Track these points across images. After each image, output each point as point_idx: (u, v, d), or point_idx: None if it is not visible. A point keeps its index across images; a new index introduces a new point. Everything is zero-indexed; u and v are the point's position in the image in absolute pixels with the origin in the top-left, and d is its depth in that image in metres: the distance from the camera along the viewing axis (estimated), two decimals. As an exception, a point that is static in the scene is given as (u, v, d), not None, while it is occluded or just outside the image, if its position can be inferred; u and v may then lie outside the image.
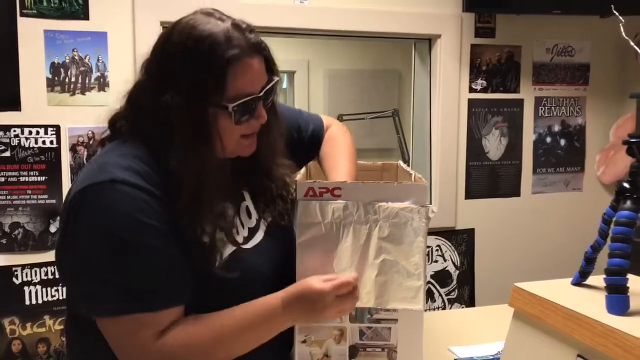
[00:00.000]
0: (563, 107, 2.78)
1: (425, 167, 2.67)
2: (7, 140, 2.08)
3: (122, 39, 2.18)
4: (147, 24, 2.17)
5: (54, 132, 2.13)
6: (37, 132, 2.11)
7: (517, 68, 2.68)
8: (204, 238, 1.05)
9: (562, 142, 2.80)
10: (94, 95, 2.17)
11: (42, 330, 2.16)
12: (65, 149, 2.15)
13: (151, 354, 1.01)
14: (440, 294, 2.68)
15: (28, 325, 2.14)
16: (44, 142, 2.12)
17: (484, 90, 2.65)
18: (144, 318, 1.00)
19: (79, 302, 1.05)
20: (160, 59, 1.08)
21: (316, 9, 2.38)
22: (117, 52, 2.18)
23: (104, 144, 1.15)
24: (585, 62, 2.78)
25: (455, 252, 2.69)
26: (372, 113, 3.80)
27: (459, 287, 2.71)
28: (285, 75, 4.21)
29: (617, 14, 1.22)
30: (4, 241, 2.10)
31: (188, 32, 1.05)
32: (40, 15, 2.09)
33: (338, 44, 4.00)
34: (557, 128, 2.79)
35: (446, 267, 2.69)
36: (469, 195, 2.68)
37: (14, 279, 2.12)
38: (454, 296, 2.70)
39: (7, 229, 2.10)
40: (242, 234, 1.16)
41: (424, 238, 1.14)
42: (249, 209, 1.21)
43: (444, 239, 2.67)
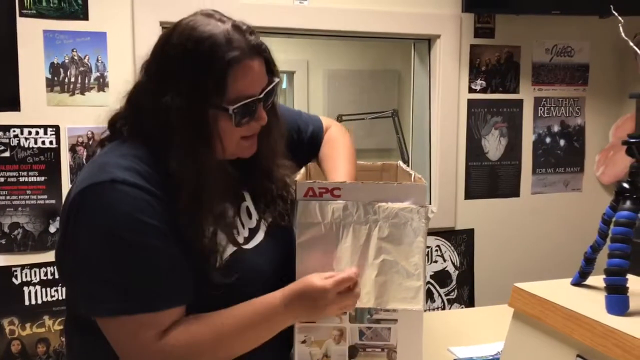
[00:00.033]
0: (562, 108, 2.78)
1: (425, 168, 2.67)
2: (7, 141, 2.08)
3: (121, 39, 2.18)
4: (147, 24, 2.17)
5: (53, 133, 2.13)
6: (37, 133, 2.11)
7: (516, 68, 2.69)
8: (205, 238, 1.05)
9: (562, 142, 2.80)
10: (94, 95, 2.17)
11: (42, 330, 2.16)
12: (64, 149, 2.15)
13: (153, 354, 1.01)
14: (439, 294, 2.68)
15: (27, 325, 2.14)
16: (43, 143, 2.12)
17: (484, 90, 2.65)
18: (145, 318, 1.00)
19: (80, 302, 1.05)
20: (160, 60, 1.08)
21: (316, 9, 2.38)
22: (116, 53, 2.18)
23: (104, 144, 1.15)
24: (584, 62, 2.78)
25: (455, 253, 2.69)
26: (372, 113, 3.79)
27: (458, 287, 2.71)
28: (285, 75, 4.20)
29: (616, 14, 1.22)
30: (3, 241, 2.10)
31: (188, 34, 1.05)
32: (40, 15, 2.09)
33: (338, 44, 4.00)
34: (556, 128, 2.79)
35: (446, 267, 2.69)
36: (468, 196, 2.68)
37: (14, 279, 2.12)
38: (454, 296, 2.70)
39: (6, 229, 2.10)
40: (243, 235, 1.16)
41: (423, 238, 1.14)
42: (249, 209, 1.21)
43: (443, 239, 2.67)
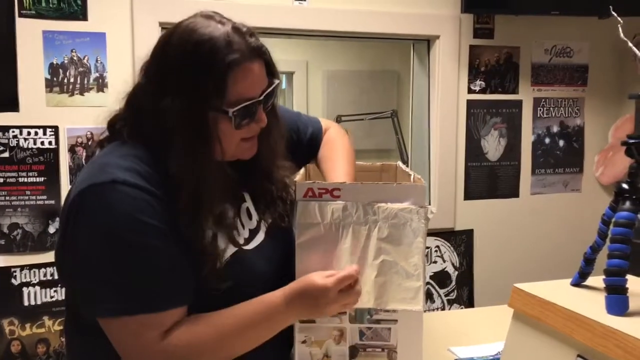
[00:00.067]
0: (562, 108, 2.78)
1: (424, 168, 2.68)
2: (6, 141, 2.08)
3: (120, 40, 2.18)
4: (146, 24, 2.17)
5: (52, 133, 2.13)
6: (36, 133, 2.11)
7: (515, 69, 2.69)
8: (205, 239, 1.05)
9: (561, 143, 2.80)
10: (93, 95, 2.17)
11: (42, 330, 2.16)
12: (64, 149, 2.15)
13: (155, 355, 1.01)
14: (439, 295, 2.68)
15: (27, 325, 2.14)
16: (42, 143, 2.12)
17: (483, 91, 2.65)
18: (147, 319, 1.00)
19: (82, 303, 1.04)
20: (160, 62, 1.08)
21: (315, 9, 2.38)
22: (115, 53, 2.18)
23: (103, 145, 1.15)
24: (583, 63, 2.78)
25: (454, 253, 2.69)
26: (371, 114, 3.79)
27: (458, 287, 2.71)
28: (284, 76, 4.20)
29: (615, 15, 1.22)
30: (2, 242, 2.10)
31: (188, 36, 1.04)
32: (39, 15, 2.08)
33: (337, 44, 4.00)
34: (555, 129, 2.79)
35: (445, 268, 2.69)
36: (467, 196, 2.68)
37: (13, 280, 2.12)
38: (453, 297, 2.70)
39: (5, 229, 2.10)
40: (243, 235, 1.15)
41: (423, 239, 1.14)
42: (249, 210, 1.20)
43: (443, 240, 2.67)
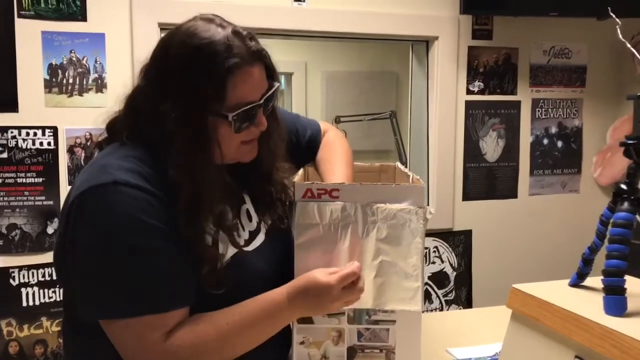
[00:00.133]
0: (560, 109, 2.79)
1: (423, 169, 2.68)
2: (5, 142, 2.08)
3: (120, 41, 2.18)
4: (145, 25, 2.17)
5: (51, 134, 2.12)
6: (35, 134, 2.11)
7: (514, 70, 2.69)
8: (205, 240, 1.05)
9: (559, 143, 2.81)
10: (92, 96, 2.17)
11: (40, 332, 2.16)
12: (62, 150, 2.14)
13: (158, 355, 1.01)
14: (437, 295, 2.68)
15: (25, 326, 2.14)
16: (41, 144, 2.12)
17: (481, 92, 2.65)
18: (151, 320, 0.99)
19: (82, 304, 1.03)
20: (160, 66, 1.07)
21: (314, 10, 2.38)
22: (115, 54, 2.17)
23: (102, 147, 1.15)
24: (582, 64, 2.78)
25: (453, 254, 2.69)
26: (370, 115, 3.80)
27: (456, 288, 2.71)
28: (283, 77, 4.20)
29: (613, 16, 1.22)
30: (1, 242, 2.10)
31: (188, 39, 1.04)
32: (38, 16, 2.08)
33: (335, 45, 4.00)
34: (554, 130, 2.79)
35: (443, 268, 2.69)
36: (466, 197, 2.68)
37: (11, 281, 2.11)
38: (452, 297, 2.71)
39: (4, 230, 2.10)
40: (243, 237, 1.16)
41: (421, 239, 1.14)
42: (249, 212, 1.21)
43: (441, 241, 2.67)
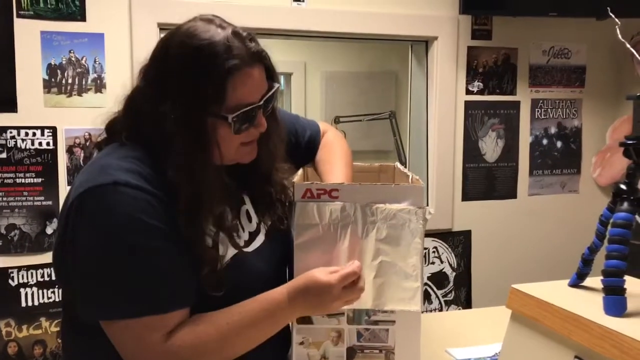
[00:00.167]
0: (559, 109, 2.79)
1: (422, 169, 2.68)
2: (4, 142, 2.07)
3: (119, 41, 2.17)
4: (144, 25, 2.17)
5: (50, 134, 2.12)
6: (34, 134, 2.10)
7: (513, 70, 2.69)
8: (206, 241, 1.05)
9: (559, 144, 2.81)
10: (91, 96, 2.17)
11: (38, 332, 2.15)
12: (61, 150, 2.14)
13: (158, 356, 1.00)
14: (437, 296, 2.68)
15: (24, 327, 2.13)
16: (40, 144, 2.12)
17: (481, 92, 2.65)
18: (151, 320, 0.99)
19: (82, 305, 1.03)
20: (159, 66, 1.07)
21: (313, 10, 2.38)
22: (114, 54, 2.17)
23: (101, 147, 1.14)
24: (581, 64, 2.78)
25: (452, 254, 2.69)
26: (369, 115, 3.80)
27: (455, 288, 2.71)
28: (282, 77, 4.20)
29: (613, 16, 1.22)
30: (0, 243, 2.10)
31: (188, 40, 1.03)
32: (37, 16, 2.08)
33: (335, 45, 4.00)
34: (553, 130, 2.79)
35: (443, 269, 2.69)
36: (465, 197, 2.68)
37: (10, 281, 2.11)
38: (451, 298, 2.70)
39: (3, 230, 2.10)
40: (243, 238, 1.15)
41: (421, 239, 1.14)
42: (249, 213, 1.20)
43: (440, 241, 2.67)
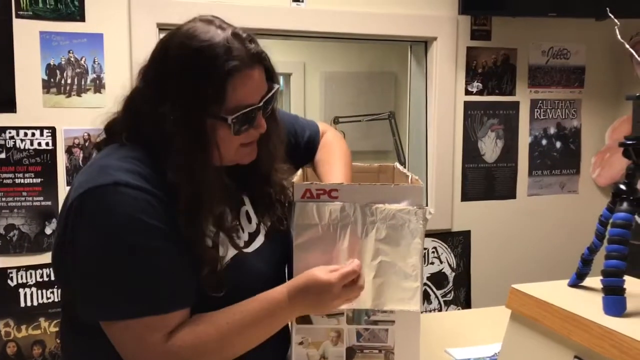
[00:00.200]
0: (558, 110, 2.79)
1: (422, 170, 2.68)
2: (3, 142, 2.07)
3: (118, 41, 2.17)
4: (144, 25, 2.17)
5: (49, 134, 2.12)
6: (33, 134, 2.10)
7: (512, 70, 2.69)
8: (206, 241, 1.05)
9: (558, 144, 2.81)
10: (90, 97, 2.16)
11: (37, 332, 2.15)
12: (61, 150, 2.14)
13: (159, 356, 1.00)
14: (436, 296, 2.68)
15: (23, 327, 2.13)
16: (39, 144, 2.11)
17: (480, 92, 2.66)
18: (152, 321, 0.99)
19: (82, 305, 1.03)
20: (159, 67, 1.07)
21: (312, 11, 2.38)
22: (113, 54, 2.17)
23: (100, 148, 1.14)
24: (580, 64, 2.79)
25: (452, 254, 2.69)
26: (369, 115, 3.80)
27: (455, 289, 2.71)
28: (281, 77, 4.20)
29: (612, 16, 1.22)
30: (-1, 243, 2.10)
31: (188, 41, 1.03)
32: (36, 16, 2.08)
33: (334, 46, 4.00)
34: (552, 130, 2.79)
35: (442, 269, 2.69)
36: (465, 198, 2.68)
37: (9, 281, 2.11)
38: (450, 298, 2.71)
39: (2, 230, 2.09)
40: (243, 238, 1.15)
41: (421, 239, 1.14)
42: (248, 213, 1.20)
43: (440, 241, 2.67)
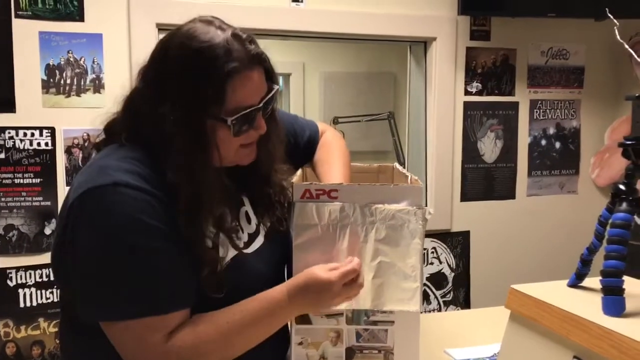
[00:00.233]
0: (558, 110, 2.79)
1: (421, 170, 2.68)
2: (2, 142, 2.07)
3: (117, 41, 2.17)
4: (143, 25, 2.17)
5: (49, 134, 2.12)
6: (32, 134, 2.10)
7: (512, 71, 2.69)
8: (206, 241, 1.05)
9: (557, 144, 2.81)
10: (89, 97, 2.16)
11: (37, 332, 2.15)
12: (60, 150, 2.14)
13: (159, 357, 1.00)
14: (435, 296, 2.68)
15: (22, 327, 2.13)
16: (39, 144, 2.11)
17: (479, 93, 2.66)
18: (152, 321, 0.99)
19: (81, 306, 1.02)
20: (159, 68, 1.06)
21: (312, 11, 2.38)
22: (112, 54, 2.17)
23: (99, 148, 1.14)
24: (580, 65, 2.79)
25: (451, 255, 2.69)
26: (368, 115, 3.80)
27: (454, 289, 2.71)
28: (281, 77, 4.20)
29: (611, 17, 1.22)
30: (-2, 243, 2.10)
31: (188, 42, 1.03)
32: (35, 16, 2.08)
33: (334, 46, 4.01)
34: (552, 131, 2.80)
35: (441, 269, 2.69)
36: (464, 198, 2.68)
37: (8, 282, 2.11)
38: (450, 298, 2.71)
39: (1, 231, 2.09)
40: (243, 239, 1.15)
41: (420, 240, 1.14)
42: (248, 214, 1.20)
43: (439, 241, 2.67)
